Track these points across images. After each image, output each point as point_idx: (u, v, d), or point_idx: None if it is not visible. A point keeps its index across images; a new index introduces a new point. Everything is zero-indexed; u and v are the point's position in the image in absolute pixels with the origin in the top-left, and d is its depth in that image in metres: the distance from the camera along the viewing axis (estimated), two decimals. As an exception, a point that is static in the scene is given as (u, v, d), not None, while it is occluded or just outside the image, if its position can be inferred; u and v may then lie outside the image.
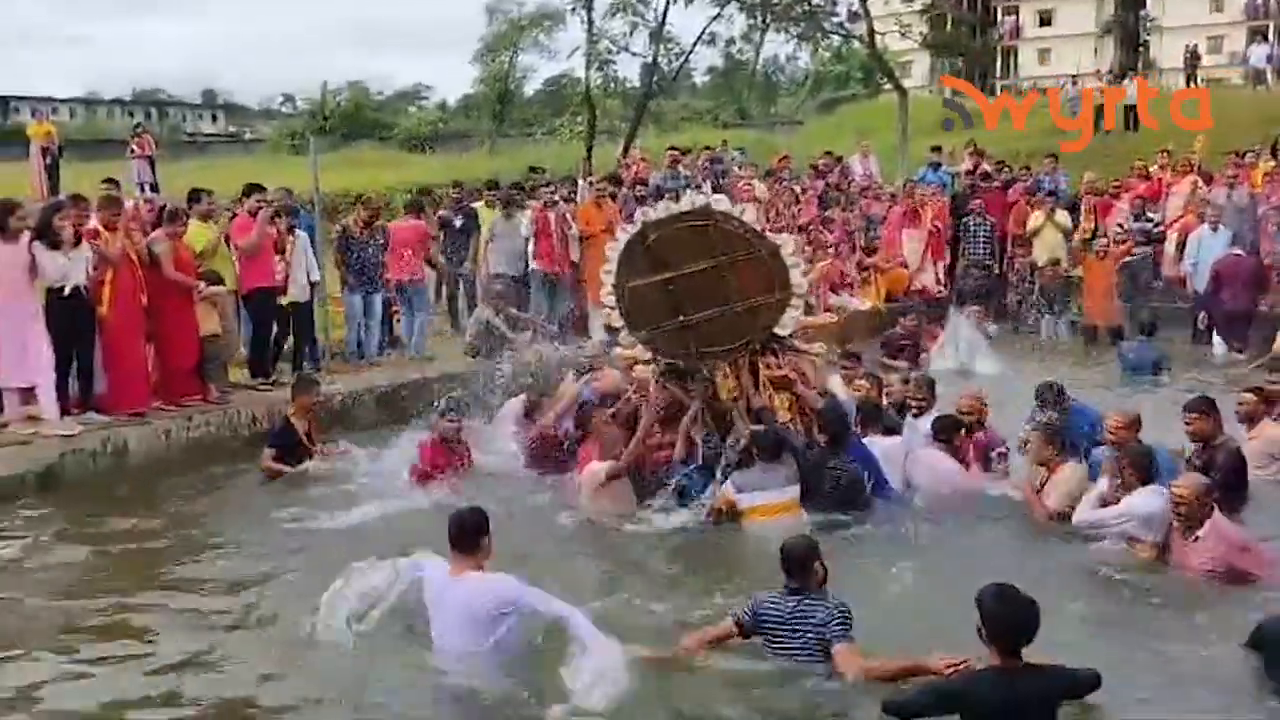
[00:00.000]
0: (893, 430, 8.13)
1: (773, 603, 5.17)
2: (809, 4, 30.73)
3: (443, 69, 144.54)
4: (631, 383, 8.27)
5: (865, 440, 7.72)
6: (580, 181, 15.35)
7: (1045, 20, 63.08)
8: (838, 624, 5.00)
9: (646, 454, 7.61)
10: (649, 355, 7.95)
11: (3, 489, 8.09)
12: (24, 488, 8.18)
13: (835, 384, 8.56)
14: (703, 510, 7.18)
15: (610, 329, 8.69)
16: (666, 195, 13.88)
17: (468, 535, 5.20)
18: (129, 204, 9.83)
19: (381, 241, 11.77)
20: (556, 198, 12.78)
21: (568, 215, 12.73)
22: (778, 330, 7.66)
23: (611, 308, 7.85)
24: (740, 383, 7.63)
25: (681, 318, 7.50)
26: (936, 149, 19.00)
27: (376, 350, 11.91)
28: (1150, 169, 16.58)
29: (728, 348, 7.59)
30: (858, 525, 7.16)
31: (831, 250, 15.03)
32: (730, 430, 7.55)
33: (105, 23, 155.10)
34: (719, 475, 7.31)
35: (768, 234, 7.68)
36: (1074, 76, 29.94)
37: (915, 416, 8.56)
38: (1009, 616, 4.24)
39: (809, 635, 5.03)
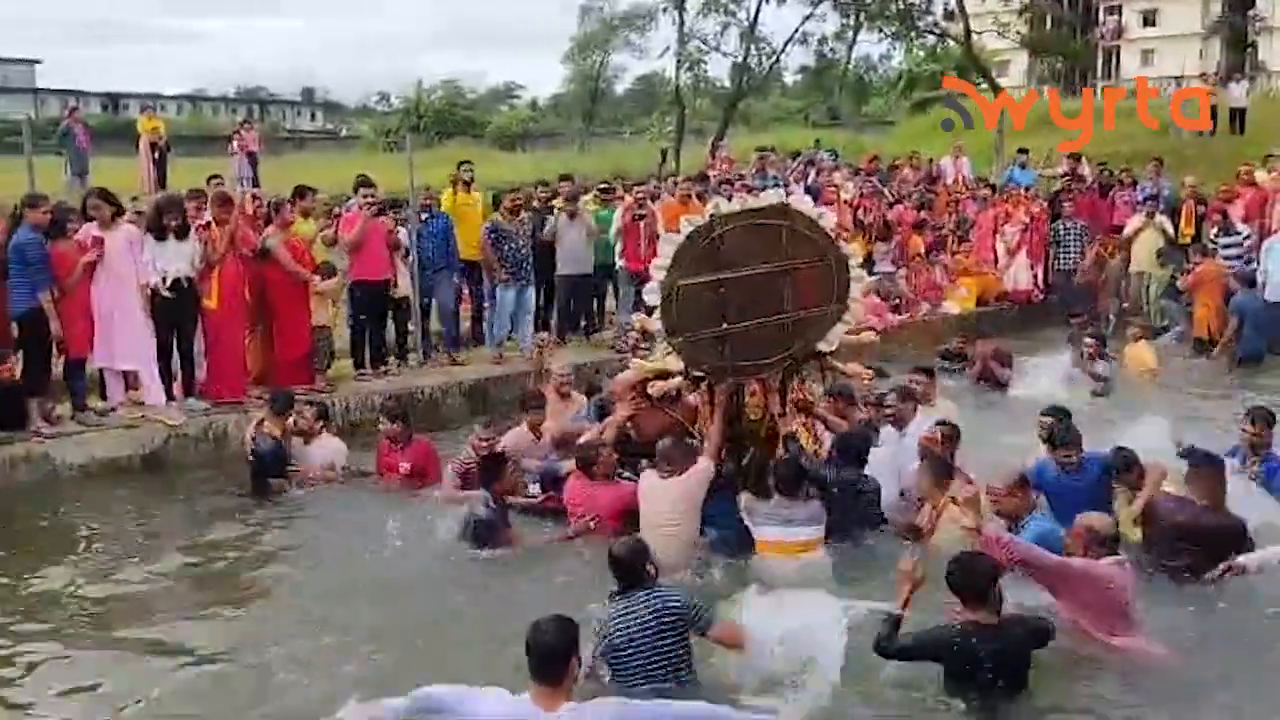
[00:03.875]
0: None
1: (622, 615, 4.84)
2: (904, 3, 30.43)
3: (534, 68, 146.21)
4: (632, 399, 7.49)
5: None
6: (658, 183, 15.08)
7: (1149, 20, 61.24)
8: (700, 610, 4.91)
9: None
10: (678, 367, 7.02)
11: (112, 469, 8.61)
12: (131, 469, 8.66)
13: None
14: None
15: (644, 333, 7.97)
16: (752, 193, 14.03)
17: (555, 661, 4.07)
18: (240, 200, 10.15)
19: (530, 231, 11.69)
20: (645, 203, 12.72)
21: (655, 213, 12.70)
22: (822, 346, 7.08)
23: (655, 307, 6.85)
24: (767, 403, 6.99)
25: (725, 325, 6.71)
26: (1024, 150, 18.72)
27: (525, 345, 11.68)
28: (1257, 175, 16.04)
29: (766, 361, 6.90)
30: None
31: (922, 257, 14.87)
32: (744, 453, 6.98)
33: (211, 21, 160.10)
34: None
35: (841, 242, 7.06)
36: (1178, 78, 29.07)
37: (895, 427, 8.06)
38: (967, 574, 4.87)
39: (673, 619, 4.81)
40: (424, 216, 11.28)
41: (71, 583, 6.73)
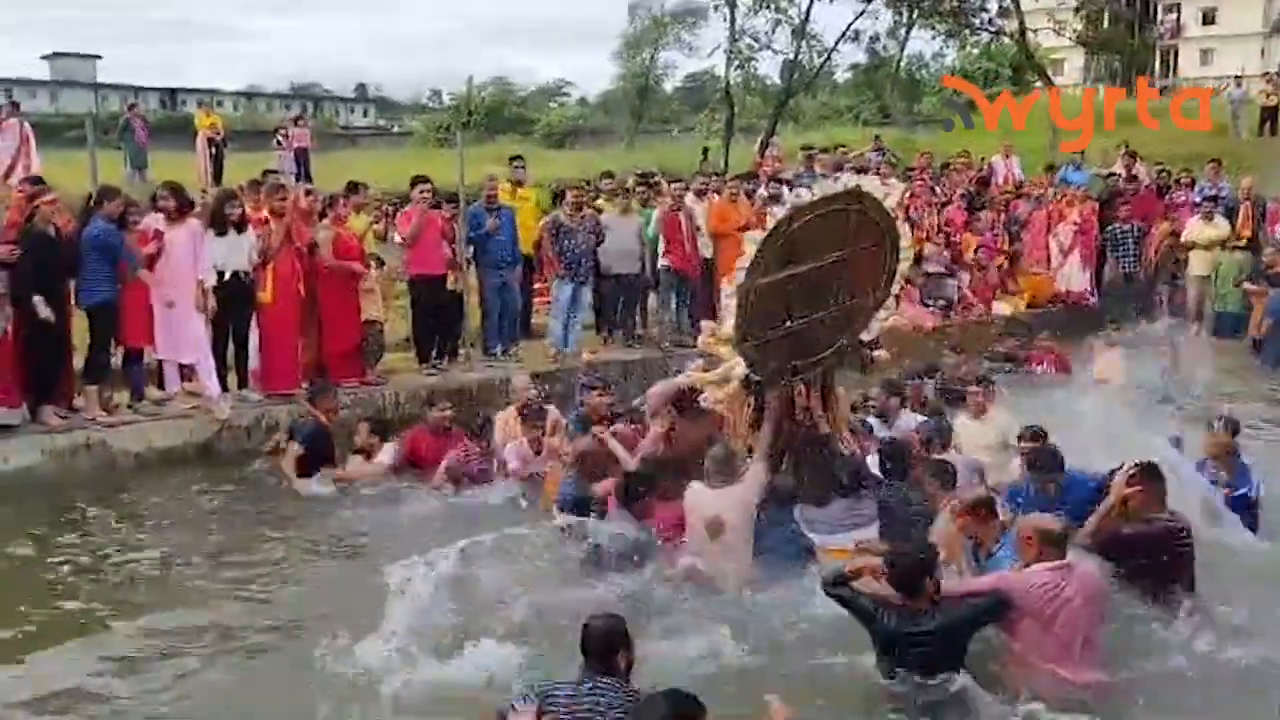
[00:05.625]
0: None
1: (561, 689, 4.28)
2: (958, 0, 30.09)
3: (584, 65, 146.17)
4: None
5: None
6: (704, 179, 14.81)
7: (1208, 19, 60.06)
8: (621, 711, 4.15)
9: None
10: (740, 374, 6.71)
11: (167, 458, 8.83)
12: (185, 458, 8.87)
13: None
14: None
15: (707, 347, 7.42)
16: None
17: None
18: (295, 194, 10.33)
19: (591, 228, 11.62)
20: (687, 197, 12.63)
21: (696, 212, 12.66)
22: (864, 335, 6.94)
23: (730, 314, 6.52)
24: (810, 404, 6.70)
25: (788, 322, 6.40)
26: (1080, 152, 18.47)
27: (573, 343, 11.67)
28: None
29: (820, 356, 6.66)
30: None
31: (976, 259, 14.73)
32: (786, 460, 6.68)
33: (267, 19, 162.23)
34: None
35: (899, 223, 6.80)
36: (1238, 78, 28.49)
37: (881, 420, 8.02)
38: (902, 566, 4.94)
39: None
40: (497, 209, 11.19)
41: (117, 566, 6.94)
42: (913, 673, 4.87)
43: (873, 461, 6.92)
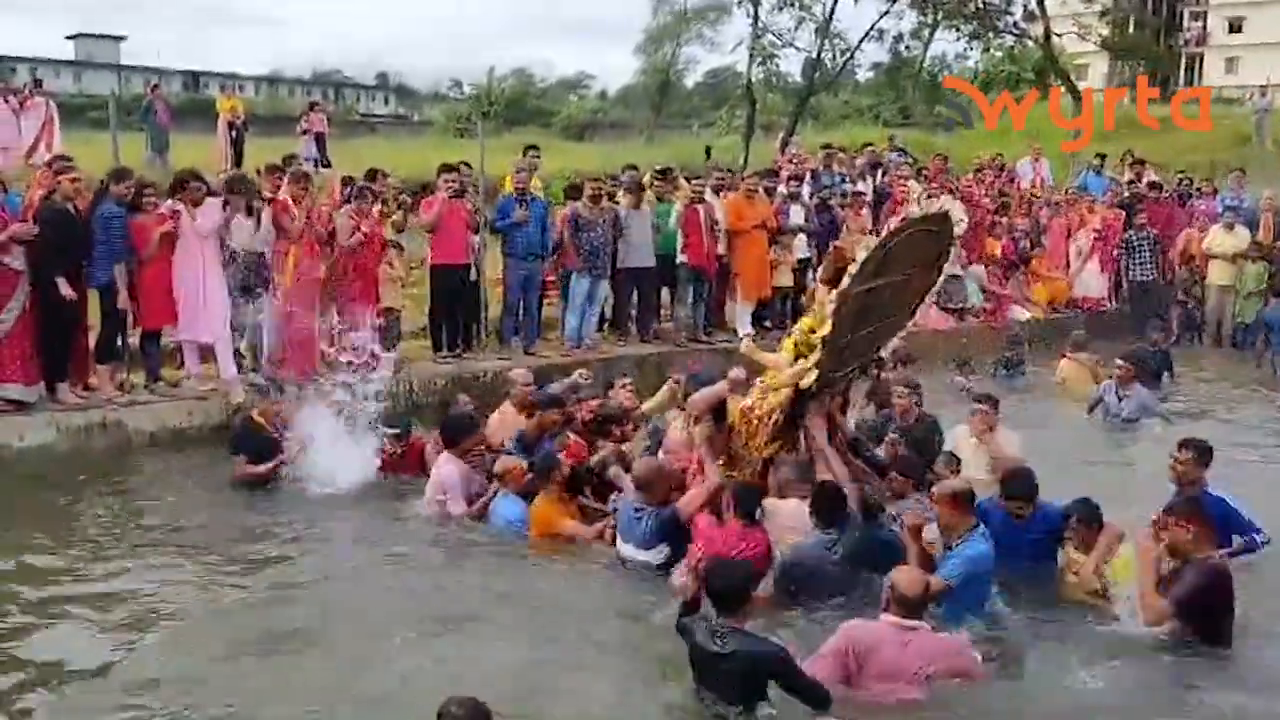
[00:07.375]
0: None
1: None
2: (983, 2, 29.98)
3: (605, 59, 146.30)
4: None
5: None
6: (720, 175, 14.65)
7: (1235, 27, 59.68)
8: None
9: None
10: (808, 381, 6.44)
11: (181, 439, 8.91)
12: (200, 439, 8.92)
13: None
14: None
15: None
16: (818, 193, 13.96)
17: None
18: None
19: (611, 221, 11.55)
20: (707, 193, 12.62)
21: (715, 207, 12.64)
22: (884, 351, 6.99)
23: (829, 315, 6.36)
24: (834, 411, 6.76)
25: (851, 334, 6.40)
26: (1101, 156, 18.40)
27: (587, 337, 11.64)
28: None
29: (851, 369, 6.77)
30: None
31: (997, 260, 14.68)
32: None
33: (291, 6, 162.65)
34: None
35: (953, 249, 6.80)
36: (1262, 88, 28.30)
37: None
38: (717, 584, 4.80)
39: None
40: (528, 200, 11.14)
41: (112, 545, 6.97)
42: (715, 695, 4.67)
43: None
